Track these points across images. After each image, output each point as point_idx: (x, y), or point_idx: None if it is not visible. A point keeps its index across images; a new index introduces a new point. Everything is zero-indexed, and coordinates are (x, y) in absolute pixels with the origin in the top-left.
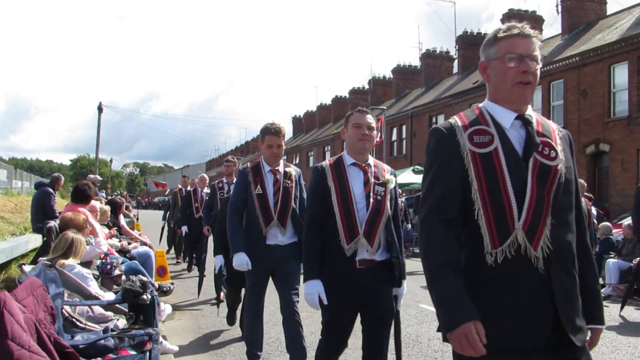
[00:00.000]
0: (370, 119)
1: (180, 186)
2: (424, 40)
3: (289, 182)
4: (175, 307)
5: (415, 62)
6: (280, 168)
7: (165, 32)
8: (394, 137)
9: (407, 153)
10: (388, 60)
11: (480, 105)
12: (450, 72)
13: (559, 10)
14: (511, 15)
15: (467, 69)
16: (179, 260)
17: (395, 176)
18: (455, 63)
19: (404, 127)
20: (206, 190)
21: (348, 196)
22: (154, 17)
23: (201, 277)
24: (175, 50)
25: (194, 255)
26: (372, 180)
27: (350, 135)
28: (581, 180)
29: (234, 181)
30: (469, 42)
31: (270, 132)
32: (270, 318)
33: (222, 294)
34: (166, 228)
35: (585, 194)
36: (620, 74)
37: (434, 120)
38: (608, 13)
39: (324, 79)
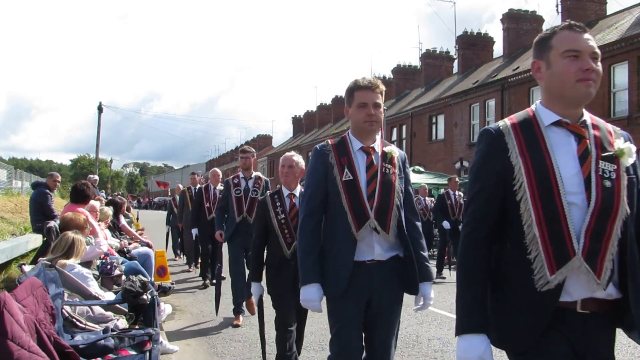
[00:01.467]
0: (592, 41)
1: (181, 186)
2: (424, 40)
3: (390, 166)
4: (175, 307)
5: (415, 62)
6: (377, 146)
7: (166, 32)
8: (394, 137)
9: (407, 153)
10: (388, 60)
11: None
12: (450, 72)
13: (559, 10)
14: (511, 15)
15: (467, 69)
16: (190, 270)
17: (632, 144)
18: (455, 63)
19: (404, 127)
20: (219, 187)
21: (550, 182)
22: (155, 17)
23: (218, 293)
24: (177, 50)
25: (207, 265)
26: (594, 151)
27: (558, 70)
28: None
29: (309, 164)
30: (469, 42)
31: (362, 86)
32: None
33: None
34: (170, 232)
35: None
36: (620, 74)
37: (433, 120)
38: (608, 13)
39: (324, 79)
